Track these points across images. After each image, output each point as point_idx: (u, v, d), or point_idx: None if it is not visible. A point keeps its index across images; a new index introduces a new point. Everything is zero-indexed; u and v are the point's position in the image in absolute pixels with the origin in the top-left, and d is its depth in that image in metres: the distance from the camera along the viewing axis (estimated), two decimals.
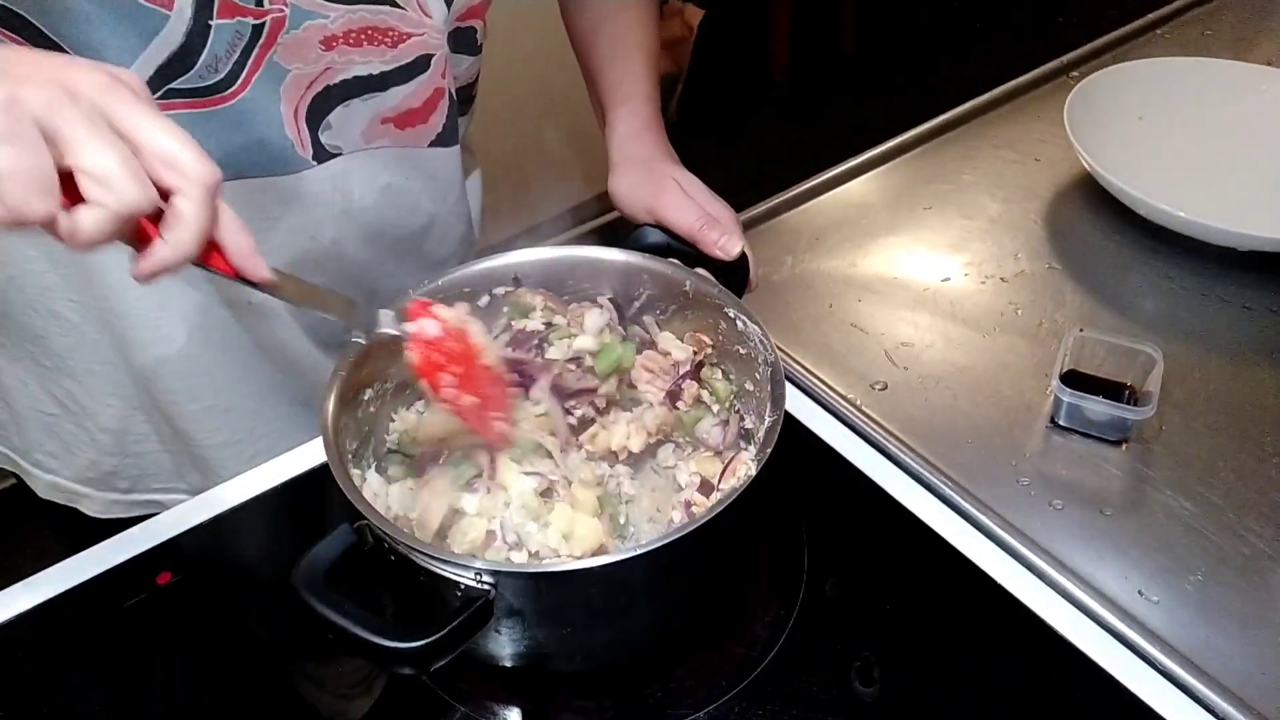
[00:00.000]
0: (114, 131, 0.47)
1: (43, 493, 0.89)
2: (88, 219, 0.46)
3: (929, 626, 0.69)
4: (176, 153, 0.48)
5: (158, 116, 0.48)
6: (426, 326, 0.64)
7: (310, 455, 0.80)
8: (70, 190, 0.46)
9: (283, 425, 0.87)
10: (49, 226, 0.46)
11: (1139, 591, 0.70)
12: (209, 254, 0.52)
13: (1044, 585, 0.70)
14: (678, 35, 2.57)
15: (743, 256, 0.78)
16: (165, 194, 0.49)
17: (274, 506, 0.77)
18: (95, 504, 0.89)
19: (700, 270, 0.75)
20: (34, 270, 0.76)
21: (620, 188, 0.83)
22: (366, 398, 0.69)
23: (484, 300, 0.75)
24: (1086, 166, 1.01)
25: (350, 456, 0.66)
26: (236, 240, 0.53)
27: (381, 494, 0.68)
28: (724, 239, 0.77)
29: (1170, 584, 0.70)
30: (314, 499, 0.77)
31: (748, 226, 1.03)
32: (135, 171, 0.46)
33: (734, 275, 0.77)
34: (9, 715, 0.65)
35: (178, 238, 0.49)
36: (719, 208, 0.80)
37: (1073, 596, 0.69)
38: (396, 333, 0.63)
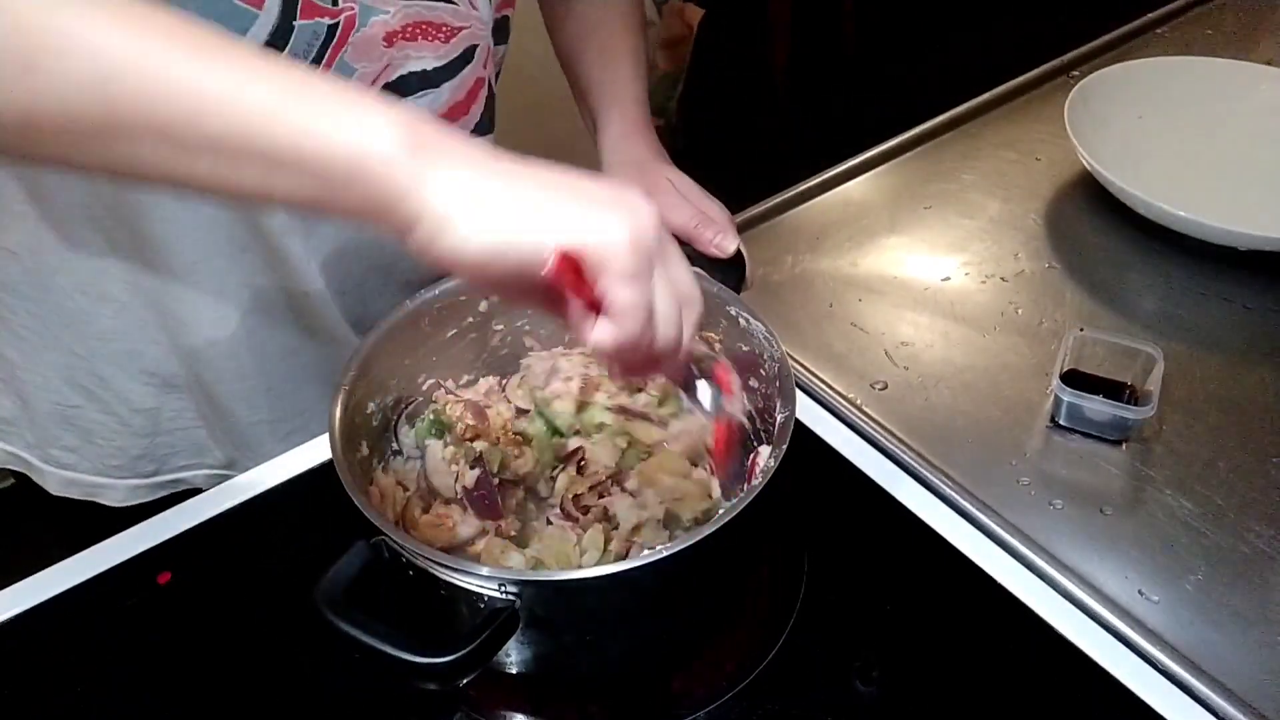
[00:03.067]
0: (671, 277, 0.51)
1: (56, 489, 0.88)
2: (651, 350, 0.51)
3: (929, 626, 0.69)
4: (693, 298, 0.53)
5: (684, 261, 0.53)
6: (734, 408, 0.68)
7: (310, 455, 0.80)
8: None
9: (317, 405, 0.88)
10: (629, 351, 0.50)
11: (1139, 591, 0.70)
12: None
13: (1044, 585, 0.70)
14: (678, 35, 2.56)
15: (739, 255, 0.78)
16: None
17: (274, 506, 0.77)
18: (117, 493, 0.88)
19: (696, 269, 0.75)
20: (92, 253, 0.77)
21: None
22: (370, 410, 0.69)
23: (483, 305, 0.75)
24: (1086, 166, 1.01)
25: (358, 464, 0.66)
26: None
27: (391, 496, 0.69)
28: (719, 236, 0.77)
29: (1170, 584, 0.70)
30: (314, 498, 0.77)
31: (748, 226, 1.03)
32: (679, 316, 0.51)
33: (731, 274, 0.77)
34: (9, 715, 0.65)
35: (665, 348, 0.51)
36: (713, 206, 0.80)
37: (1073, 596, 0.69)
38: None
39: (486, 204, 0.47)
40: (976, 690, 0.66)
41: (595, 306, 0.49)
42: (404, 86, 0.75)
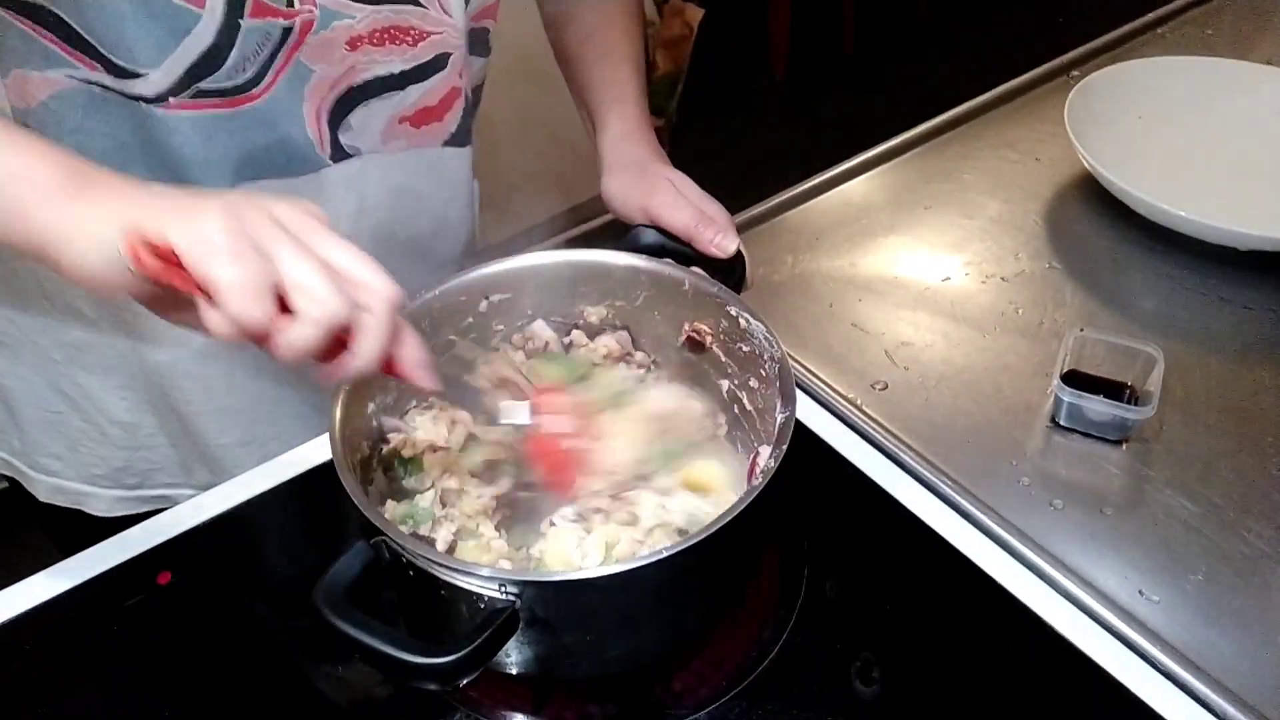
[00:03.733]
0: (312, 253, 0.51)
1: (44, 496, 0.89)
2: (298, 330, 0.50)
3: (929, 626, 0.69)
4: (363, 272, 0.52)
5: (342, 241, 0.53)
6: (554, 423, 0.69)
7: (310, 455, 0.80)
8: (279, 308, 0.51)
9: (292, 426, 0.87)
10: (262, 337, 0.51)
11: (1139, 591, 0.70)
12: (386, 362, 0.56)
13: (1044, 585, 0.70)
14: (678, 35, 2.57)
15: (739, 255, 0.78)
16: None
17: (274, 506, 0.77)
18: (101, 503, 0.88)
19: (696, 269, 0.75)
20: None
21: (613, 189, 0.84)
22: (370, 410, 0.69)
23: (482, 305, 0.75)
24: (1086, 166, 1.01)
25: (358, 465, 0.65)
26: (413, 354, 0.56)
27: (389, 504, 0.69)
28: (719, 236, 0.77)
29: (1170, 584, 0.70)
30: (314, 498, 0.77)
31: (748, 226, 1.03)
32: (336, 286, 0.51)
33: (730, 274, 0.77)
34: (9, 715, 0.65)
35: (365, 349, 0.53)
36: (712, 206, 0.80)
37: (1073, 596, 0.69)
38: (527, 423, 0.69)
39: (92, 222, 0.52)
40: (976, 690, 0.66)
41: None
42: (368, 90, 0.75)
